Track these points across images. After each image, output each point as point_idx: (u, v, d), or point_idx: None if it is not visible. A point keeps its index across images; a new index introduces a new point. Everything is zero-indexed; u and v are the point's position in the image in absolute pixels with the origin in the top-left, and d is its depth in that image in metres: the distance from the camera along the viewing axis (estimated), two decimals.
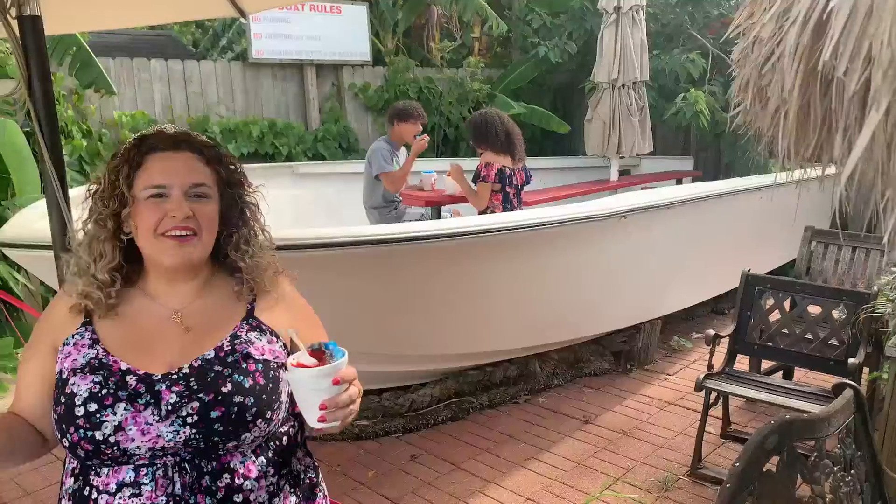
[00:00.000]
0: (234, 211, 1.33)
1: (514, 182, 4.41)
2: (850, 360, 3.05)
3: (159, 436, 1.17)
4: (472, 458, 3.41)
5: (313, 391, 1.14)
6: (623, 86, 5.94)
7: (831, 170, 1.49)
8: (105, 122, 5.62)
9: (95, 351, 1.23)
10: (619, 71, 5.86)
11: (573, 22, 7.65)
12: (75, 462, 1.23)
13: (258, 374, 1.24)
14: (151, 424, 1.17)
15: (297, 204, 5.20)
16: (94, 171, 5.29)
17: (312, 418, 1.16)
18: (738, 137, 5.92)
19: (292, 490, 1.32)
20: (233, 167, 1.35)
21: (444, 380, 3.89)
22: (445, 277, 3.31)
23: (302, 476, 1.36)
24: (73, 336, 1.25)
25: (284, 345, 1.33)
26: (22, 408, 1.27)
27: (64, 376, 1.21)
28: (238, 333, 1.28)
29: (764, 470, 1.41)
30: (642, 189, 5.84)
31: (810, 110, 1.03)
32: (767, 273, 4.92)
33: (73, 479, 1.23)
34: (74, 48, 5.01)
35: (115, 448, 1.16)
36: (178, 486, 1.18)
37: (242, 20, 4.31)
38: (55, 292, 1.96)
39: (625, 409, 3.96)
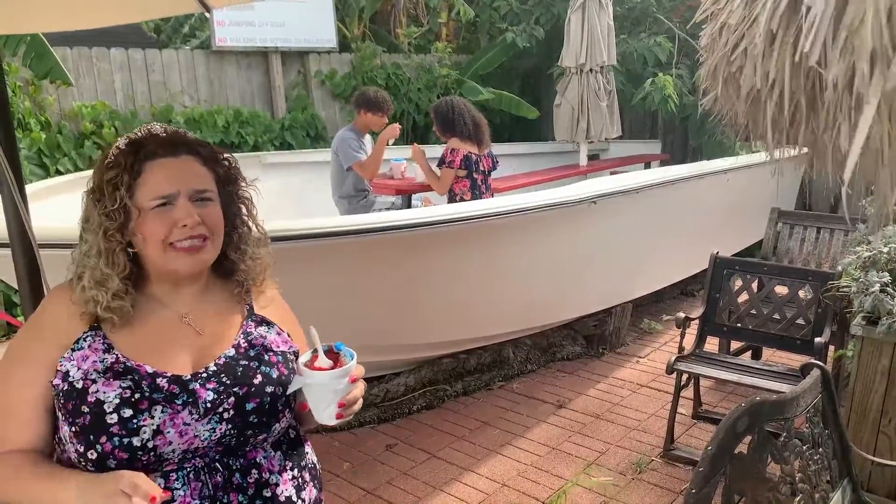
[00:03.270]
0: (232, 208, 1.32)
1: (482, 168, 4.40)
2: (817, 340, 3.11)
3: (196, 435, 1.16)
4: (448, 445, 3.42)
5: (332, 392, 1.17)
6: (591, 70, 5.96)
7: (794, 152, 1.51)
8: (64, 113, 5.47)
9: (114, 356, 1.17)
10: (586, 55, 5.87)
11: (540, 7, 7.63)
12: None
13: (280, 364, 1.28)
14: (189, 424, 1.16)
15: (265, 195, 5.10)
16: (53, 164, 5.15)
17: (328, 416, 1.19)
18: (704, 121, 6.00)
19: (311, 482, 1.34)
20: (227, 164, 1.33)
21: (419, 369, 3.88)
22: (419, 266, 3.29)
23: (315, 464, 1.39)
24: (83, 339, 1.18)
25: (289, 334, 1.36)
26: (28, 440, 1.16)
27: (79, 385, 1.13)
28: (248, 330, 1.30)
29: (735, 452, 1.42)
30: (611, 174, 5.88)
31: (782, 96, 1.03)
32: (735, 254, 5.01)
33: None
34: (28, 38, 4.85)
35: (152, 454, 1.13)
36: (209, 486, 1.18)
37: (207, 15, 4.21)
38: (16, 291, 1.90)
39: (598, 392, 4.00)
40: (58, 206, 3.30)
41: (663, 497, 2.97)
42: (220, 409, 1.18)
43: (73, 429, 1.13)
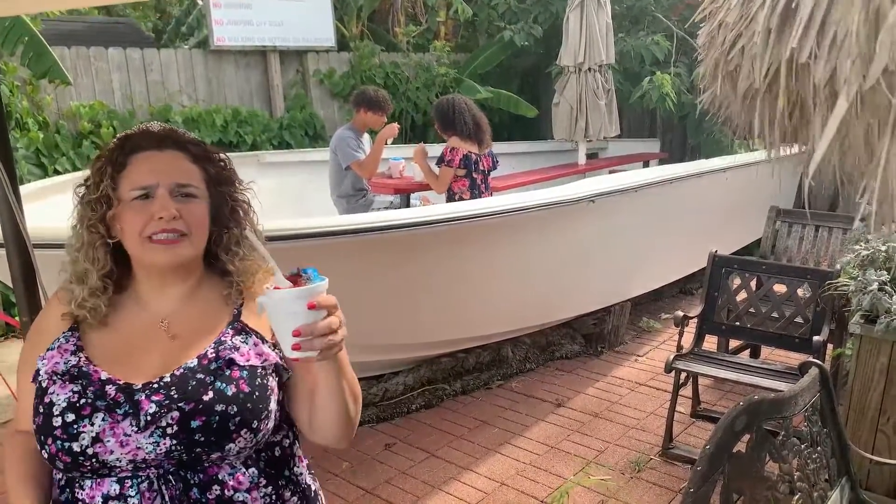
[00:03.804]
0: (224, 210, 1.28)
1: (482, 167, 4.39)
2: (815, 338, 3.11)
3: (139, 447, 1.12)
4: (447, 444, 3.42)
5: (289, 315, 1.06)
6: (589, 69, 5.96)
7: (795, 150, 1.51)
8: (62, 113, 5.46)
9: (77, 358, 1.17)
10: (585, 54, 5.86)
11: (539, 5, 7.63)
12: (60, 474, 1.19)
13: (242, 381, 1.18)
14: (130, 436, 1.12)
15: (263, 194, 5.09)
16: (51, 164, 5.14)
17: (287, 346, 1.08)
18: (702, 119, 6.00)
19: (290, 501, 1.27)
20: (222, 164, 1.29)
21: (417, 368, 3.88)
22: (417, 266, 3.28)
23: (302, 483, 1.30)
24: (57, 340, 1.20)
25: (273, 345, 1.25)
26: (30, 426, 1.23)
27: (44, 385, 1.16)
28: (223, 339, 1.23)
29: (734, 451, 1.42)
30: (610, 173, 5.88)
31: (779, 94, 1.03)
32: (733, 253, 5.01)
33: (59, 491, 1.19)
34: (27, 37, 4.84)
35: (94, 460, 1.11)
36: (165, 497, 1.14)
37: (199, 1, 4.18)
38: (11, 289, 1.90)
39: (596, 391, 4.00)
40: (55, 206, 3.29)
41: (662, 496, 2.97)
42: (164, 424, 1.13)
43: (33, 426, 1.16)
